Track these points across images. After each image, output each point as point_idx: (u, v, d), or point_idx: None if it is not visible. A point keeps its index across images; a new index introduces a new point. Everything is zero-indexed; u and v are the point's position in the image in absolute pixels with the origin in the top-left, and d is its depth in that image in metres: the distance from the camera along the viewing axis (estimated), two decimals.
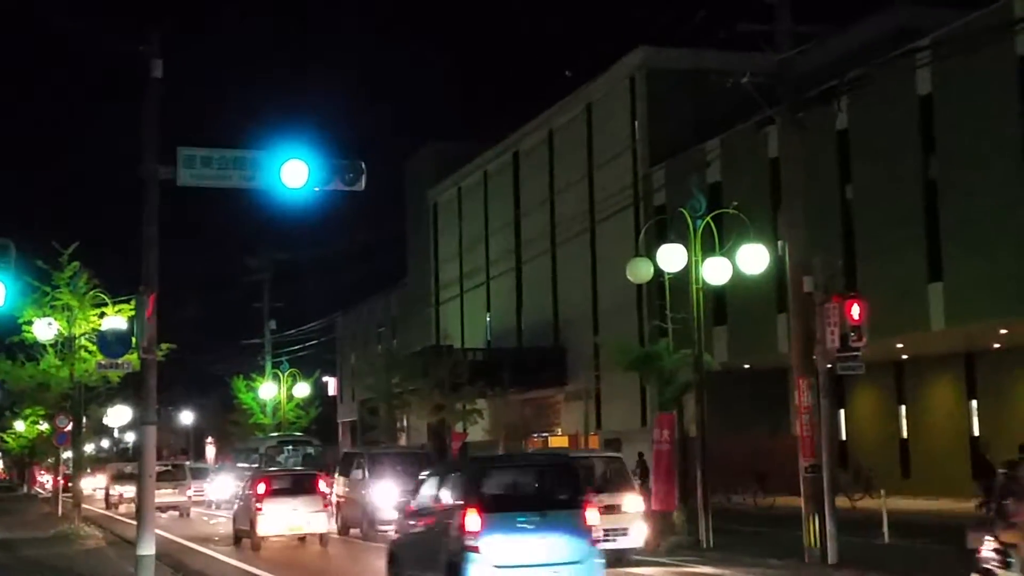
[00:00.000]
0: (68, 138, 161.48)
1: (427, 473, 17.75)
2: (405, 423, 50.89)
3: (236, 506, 29.24)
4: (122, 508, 44.81)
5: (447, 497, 15.21)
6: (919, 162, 31.18)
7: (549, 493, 15.52)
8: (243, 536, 26.80)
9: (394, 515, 22.12)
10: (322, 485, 27.51)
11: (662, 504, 23.67)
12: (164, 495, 38.01)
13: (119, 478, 46.97)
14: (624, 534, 19.74)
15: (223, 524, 32.62)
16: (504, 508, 14.58)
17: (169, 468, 43.95)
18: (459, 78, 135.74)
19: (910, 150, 31.26)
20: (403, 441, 52.77)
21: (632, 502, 20.36)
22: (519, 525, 14.30)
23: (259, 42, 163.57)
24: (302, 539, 26.97)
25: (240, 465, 44.78)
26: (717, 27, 21.59)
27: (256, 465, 39.25)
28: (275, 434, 47.03)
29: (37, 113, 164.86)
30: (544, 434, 50.58)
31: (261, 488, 26.30)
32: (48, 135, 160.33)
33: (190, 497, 43.18)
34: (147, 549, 15.99)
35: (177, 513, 41.76)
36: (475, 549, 13.83)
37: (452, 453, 44.66)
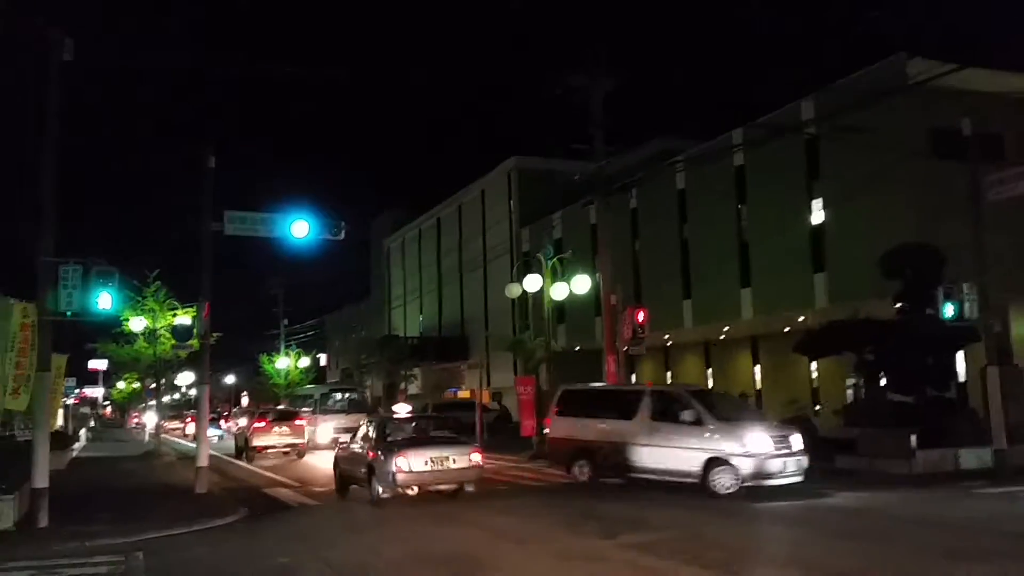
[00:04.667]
0: (156, 197, 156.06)
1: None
2: (369, 382, 50.02)
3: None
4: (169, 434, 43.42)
5: None
6: (677, 228, 31.90)
7: None
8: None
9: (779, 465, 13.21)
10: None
11: (527, 432, 23.66)
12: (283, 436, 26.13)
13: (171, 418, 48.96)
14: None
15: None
16: None
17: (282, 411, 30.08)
18: (408, 168, 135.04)
19: (672, 220, 31.97)
20: (368, 395, 51.35)
21: None
22: None
23: (269, 138, 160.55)
24: None
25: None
26: (561, 144, 21.87)
27: (311, 409, 31.84)
28: (328, 383, 43.21)
29: (135, 181, 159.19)
30: (455, 389, 50.35)
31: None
32: (140, 196, 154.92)
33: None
34: (203, 463, 15.66)
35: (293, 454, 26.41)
36: None
37: (400, 401, 44.26)
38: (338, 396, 34.00)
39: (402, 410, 17.86)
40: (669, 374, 37.97)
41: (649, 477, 14.40)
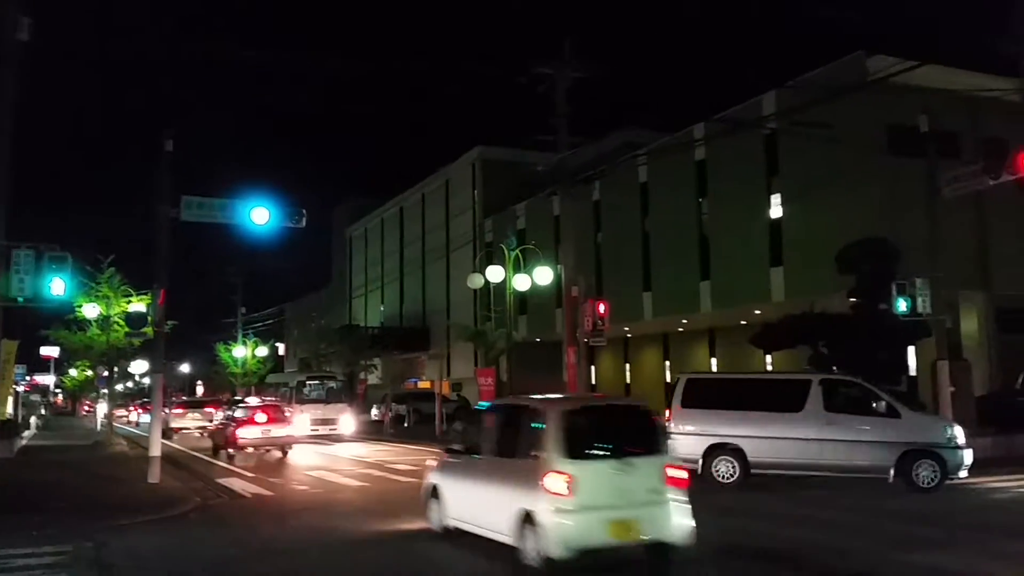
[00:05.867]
0: (110, 181, 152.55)
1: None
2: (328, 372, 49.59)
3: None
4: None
5: None
6: (639, 220, 32.06)
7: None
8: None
9: None
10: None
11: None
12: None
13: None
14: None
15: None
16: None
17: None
18: (370, 156, 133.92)
19: (634, 213, 32.12)
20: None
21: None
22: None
23: (235, 127, 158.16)
24: None
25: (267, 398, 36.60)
26: (526, 134, 21.72)
27: (286, 399, 29.67)
28: (292, 371, 39.50)
29: (91, 165, 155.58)
30: (415, 380, 50.17)
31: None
32: (95, 180, 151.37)
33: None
34: (155, 452, 15.34)
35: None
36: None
37: (360, 391, 43.87)
38: (315, 384, 30.94)
39: (252, 401, 25.81)
40: (628, 366, 38.26)
41: (822, 474, 13.01)
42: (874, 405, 13.09)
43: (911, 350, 20.09)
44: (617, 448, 7.64)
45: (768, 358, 29.21)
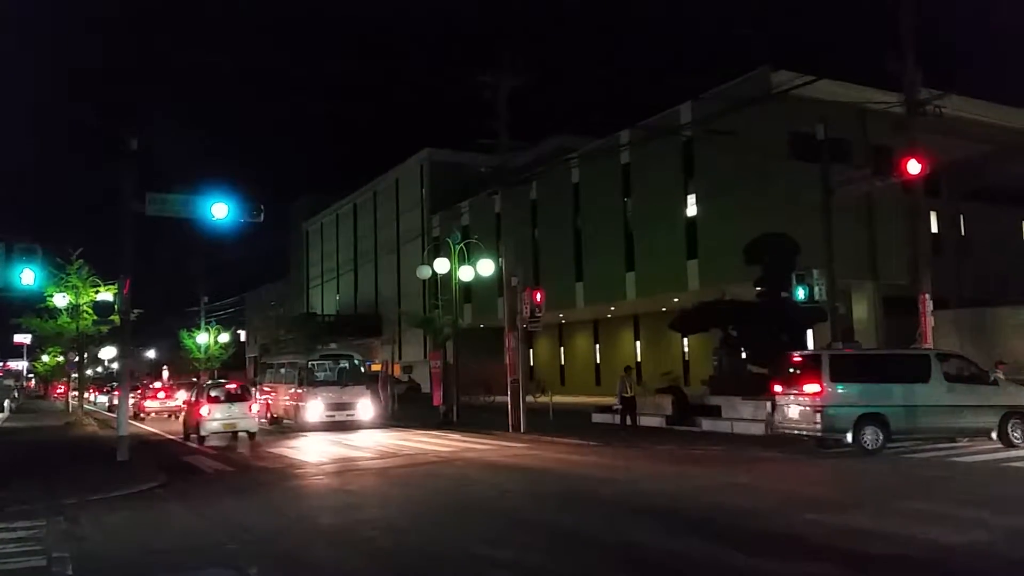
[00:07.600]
0: (75, 178, 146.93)
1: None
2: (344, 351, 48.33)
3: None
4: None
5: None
6: (572, 218, 32.34)
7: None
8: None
9: None
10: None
11: (436, 401, 23.51)
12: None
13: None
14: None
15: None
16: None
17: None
18: (326, 155, 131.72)
19: (568, 211, 32.39)
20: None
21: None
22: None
23: (199, 123, 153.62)
24: None
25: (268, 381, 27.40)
26: (469, 138, 21.71)
27: (295, 382, 23.17)
28: (323, 348, 30.63)
29: (64, 165, 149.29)
30: (368, 362, 49.63)
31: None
32: (62, 177, 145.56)
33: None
34: (123, 431, 14.92)
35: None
36: None
37: None
38: (329, 365, 24.12)
39: (156, 384, 32.10)
40: (562, 349, 38.61)
41: (940, 435, 13.59)
42: (979, 374, 13.53)
43: (809, 333, 20.76)
44: (230, 398, 19.54)
45: (685, 341, 29.84)
